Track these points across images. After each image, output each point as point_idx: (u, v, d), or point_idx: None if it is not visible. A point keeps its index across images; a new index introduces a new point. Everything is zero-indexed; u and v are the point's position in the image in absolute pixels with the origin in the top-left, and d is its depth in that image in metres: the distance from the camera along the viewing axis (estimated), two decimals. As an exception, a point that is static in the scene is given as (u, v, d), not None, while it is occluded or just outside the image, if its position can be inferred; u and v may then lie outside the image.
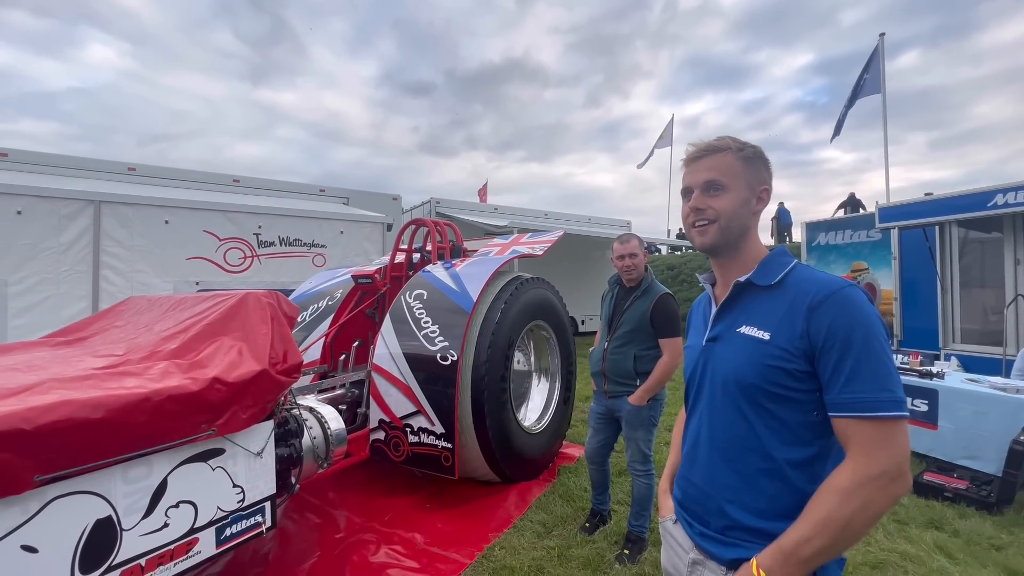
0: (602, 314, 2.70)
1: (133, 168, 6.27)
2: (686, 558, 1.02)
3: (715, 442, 0.98)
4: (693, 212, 1.02)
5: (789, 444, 0.90)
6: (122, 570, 1.49)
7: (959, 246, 5.94)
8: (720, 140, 1.01)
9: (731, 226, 0.99)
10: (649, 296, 2.48)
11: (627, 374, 2.48)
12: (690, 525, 1.03)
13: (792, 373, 0.88)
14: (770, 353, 0.89)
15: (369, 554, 2.44)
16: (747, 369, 0.92)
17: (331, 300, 3.89)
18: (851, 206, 13.29)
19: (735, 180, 0.98)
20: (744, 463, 0.93)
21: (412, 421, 2.87)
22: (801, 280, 0.93)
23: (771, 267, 0.98)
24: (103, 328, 2.42)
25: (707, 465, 0.99)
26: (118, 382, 1.57)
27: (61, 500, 1.37)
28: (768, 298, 0.95)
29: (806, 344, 0.86)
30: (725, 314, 1.02)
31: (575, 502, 3.02)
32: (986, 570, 2.36)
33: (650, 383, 2.41)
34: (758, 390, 0.91)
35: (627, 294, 2.57)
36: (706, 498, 0.99)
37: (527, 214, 10.56)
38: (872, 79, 9.67)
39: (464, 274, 3.21)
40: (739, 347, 0.95)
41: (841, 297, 0.86)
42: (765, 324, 0.92)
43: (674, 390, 6.22)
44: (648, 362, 2.47)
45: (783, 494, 0.89)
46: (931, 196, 5.79)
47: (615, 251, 2.54)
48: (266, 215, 5.90)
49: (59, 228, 4.67)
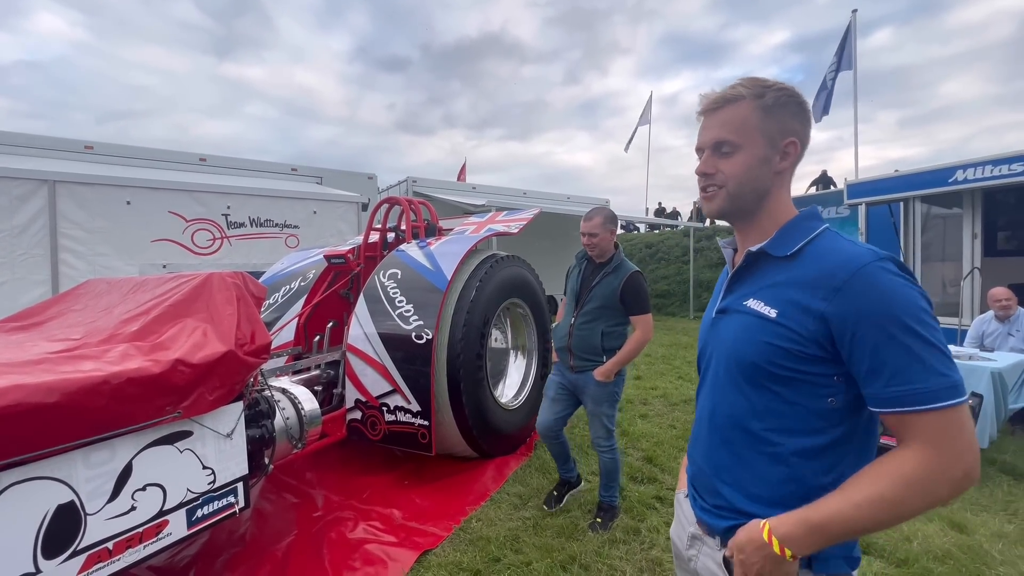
0: (567, 289, 2.67)
1: (91, 147, 5.95)
2: (687, 531, 0.99)
3: (715, 420, 0.92)
4: (701, 177, 0.90)
5: (796, 431, 0.81)
6: (88, 554, 1.47)
7: (922, 221, 6.15)
8: (735, 88, 0.86)
9: (742, 192, 0.87)
10: (619, 273, 2.46)
11: (594, 350, 2.48)
12: (693, 499, 0.99)
13: (796, 354, 0.79)
14: (773, 332, 0.81)
15: (347, 531, 2.47)
16: (747, 347, 0.84)
17: (303, 281, 3.82)
18: (823, 183, 13.57)
19: (750, 136, 0.85)
20: (742, 445, 0.87)
21: (388, 400, 2.87)
22: (823, 252, 0.81)
23: (791, 235, 0.86)
24: (60, 312, 2.33)
25: (707, 444, 0.94)
26: (74, 366, 1.52)
27: (17, 487, 1.33)
28: (782, 270, 0.84)
29: (823, 329, 0.76)
30: (736, 285, 0.93)
31: (551, 474, 3.09)
32: (931, 524, 2.52)
33: (620, 357, 2.44)
34: (759, 370, 0.83)
35: (596, 270, 2.53)
36: (705, 476, 0.94)
37: (505, 193, 10.47)
38: (845, 57, 9.78)
39: (438, 252, 3.19)
40: (744, 323, 0.86)
41: (870, 275, 0.74)
42: (773, 300, 0.82)
43: (653, 363, 6.37)
44: (615, 339, 2.49)
45: (786, 483, 0.82)
46: (898, 173, 5.96)
47: (581, 227, 2.52)
48: (235, 195, 5.71)
49: (11, 210, 4.43)
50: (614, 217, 2.51)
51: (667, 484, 3.00)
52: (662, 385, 5.33)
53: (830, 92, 10.13)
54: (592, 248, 2.50)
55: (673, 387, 5.27)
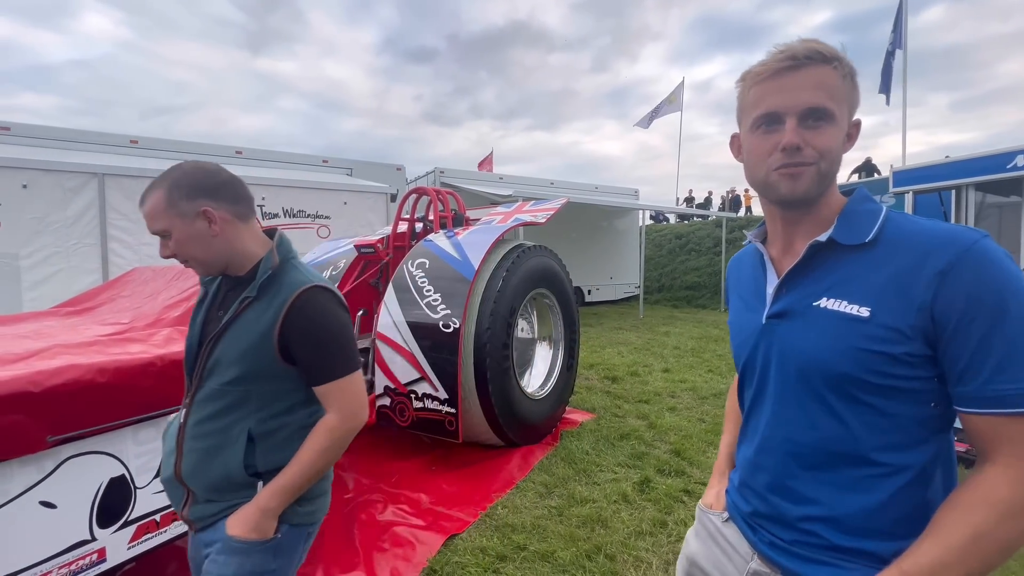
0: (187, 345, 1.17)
1: (135, 141, 6.24)
2: (744, 566, 0.85)
3: (792, 446, 0.78)
4: (786, 152, 0.72)
5: (901, 446, 0.70)
6: (138, 525, 1.57)
7: (976, 211, 5.78)
8: (822, 45, 0.72)
9: (831, 171, 0.74)
10: (273, 298, 1.06)
11: (228, 479, 1.04)
12: (754, 531, 0.84)
13: (900, 358, 0.67)
14: (871, 335, 0.68)
15: (377, 513, 2.54)
16: (836, 356, 0.71)
17: (335, 270, 3.91)
18: (866, 171, 12.95)
19: (840, 108, 0.72)
20: (835, 471, 0.74)
21: (416, 387, 2.92)
22: (910, 234, 0.70)
23: (858, 220, 0.74)
24: (110, 298, 2.47)
25: (781, 474, 0.79)
26: (123, 348, 1.61)
27: (75, 460, 1.42)
28: (859, 261, 0.72)
29: (926, 321, 0.65)
30: (796, 282, 0.78)
31: (577, 464, 3.09)
32: None
33: (288, 480, 1.02)
34: (853, 381, 0.70)
35: (229, 298, 1.12)
36: (778, 513, 0.80)
37: (532, 183, 10.43)
38: (896, 35, 9.22)
39: (466, 242, 3.20)
40: (823, 327, 0.73)
41: (980, 255, 0.64)
42: (861, 296, 0.70)
43: (682, 356, 6.26)
44: (280, 447, 1.07)
45: (892, 507, 0.71)
46: (950, 159, 5.61)
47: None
48: (270, 186, 5.89)
49: (64, 201, 4.70)
50: (196, 183, 1.03)
51: (695, 478, 2.96)
52: (691, 378, 5.23)
53: (889, 72, 9.52)
54: (185, 258, 1.08)
55: (703, 380, 5.17)
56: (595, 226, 11.05)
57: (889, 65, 9.43)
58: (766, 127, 0.75)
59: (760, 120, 0.75)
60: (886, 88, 9.63)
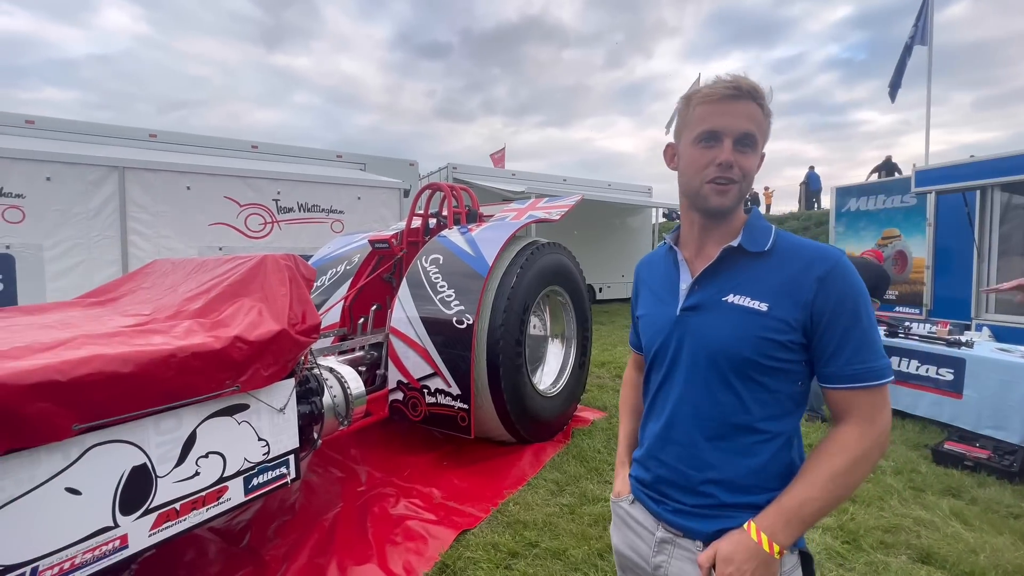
0: None
1: (154, 135, 6.34)
2: (651, 538, 0.97)
3: (699, 420, 0.92)
4: (721, 167, 0.86)
5: (778, 416, 0.88)
6: (159, 513, 1.59)
7: (1001, 212, 5.63)
8: (757, 85, 0.87)
9: (747, 190, 0.91)
10: None
11: None
12: (657, 503, 0.97)
13: (786, 345, 0.85)
14: (767, 325, 0.85)
15: (389, 506, 2.56)
16: (741, 343, 0.86)
17: (349, 265, 3.94)
18: (886, 170, 12.63)
19: (762, 139, 0.89)
20: (731, 439, 0.89)
21: (429, 382, 2.93)
22: (795, 247, 0.89)
23: (758, 232, 0.92)
24: (131, 289, 2.51)
25: (687, 444, 0.93)
26: (145, 339, 1.63)
27: (99, 448, 1.45)
28: (759, 265, 0.89)
29: (807, 315, 0.83)
30: (708, 281, 0.93)
31: (588, 462, 3.08)
32: (1001, 536, 2.34)
33: None
34: (751, 364, 0.86)
35: None
36: (684, 478, 0.93)
37: (545, 180, 10.38)
38: (920, 30, 8.97)
39: (480, 239, 3.20)
40: (730, 318, 0.88)
41: (844, 267, 0.84)
42: (761, 294, 0.86)
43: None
44: None
45: (769, 466, 0.88)
46: (974, 159, 5.46)
47: None
48: (285, 181, 5.94)
49: (87, 194, 4.79)
50: None
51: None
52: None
53: (902, 67, 9.26)
54: None
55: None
56: (607, 223, 10.98)
57: (903, 61, 9.19)
58: (706, 143, 0.88)
59: (703, 136, 0.88)
60: (896, 84, 9.40)
